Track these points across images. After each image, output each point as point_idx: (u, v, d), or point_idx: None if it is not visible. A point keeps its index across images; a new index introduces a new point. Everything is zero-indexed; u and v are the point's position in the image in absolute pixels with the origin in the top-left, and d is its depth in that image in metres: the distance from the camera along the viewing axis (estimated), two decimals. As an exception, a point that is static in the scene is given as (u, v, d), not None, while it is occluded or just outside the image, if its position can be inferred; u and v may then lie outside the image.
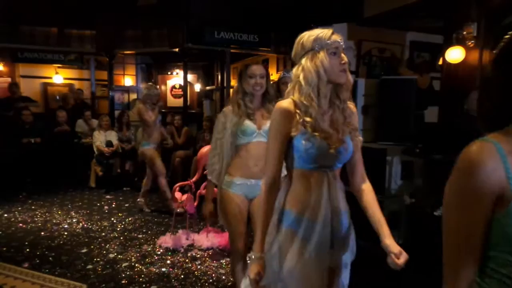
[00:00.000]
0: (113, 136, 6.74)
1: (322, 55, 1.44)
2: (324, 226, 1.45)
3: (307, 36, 1.48)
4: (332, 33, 1.46)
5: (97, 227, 4.55)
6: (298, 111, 1.46)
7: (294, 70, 1.52)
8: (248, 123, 2.25)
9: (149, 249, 3.88)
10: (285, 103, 1.49)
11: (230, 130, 2.27)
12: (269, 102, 2.30)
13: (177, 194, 4.29)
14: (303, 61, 1.48)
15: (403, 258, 1.41)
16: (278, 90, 2.94)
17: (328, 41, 1.44)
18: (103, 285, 3.12)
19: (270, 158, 1.53)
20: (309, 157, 1.45)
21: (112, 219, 4.89)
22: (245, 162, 2.26)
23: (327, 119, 1.51)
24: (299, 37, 1.52)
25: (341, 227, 1.51)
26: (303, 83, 1.46)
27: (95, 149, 6.58)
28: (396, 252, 1.41)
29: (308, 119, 1.44)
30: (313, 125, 1.44)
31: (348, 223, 1.57)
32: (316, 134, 1.43)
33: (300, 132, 1.44)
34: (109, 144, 6.62)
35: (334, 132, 1.49)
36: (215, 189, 2.49)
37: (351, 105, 1.58)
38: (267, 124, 2.13)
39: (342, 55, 1.48)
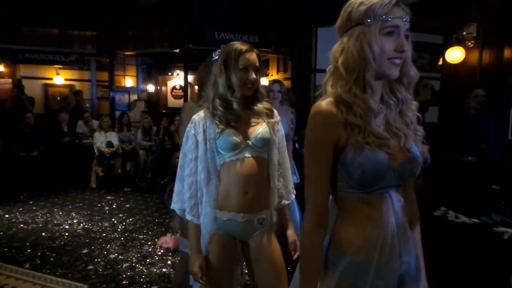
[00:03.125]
0: (113, 137, 6.75)
1: (372, 32, 1.02)
2: (390, 271, 1.08)
3: (358, 3, 1.05)
4: (395, 4, 1.02)
5: (98, 228, 4.55)
6: (341, 111, 1.06)
7: (334, 49, 1.13)
8: (230, 133, 1.60)
9: (150, 249, 3.89)
10: (325, 104, 1.07)
11: (206, 146, 1.62)
12: (258, 102, 1.72)
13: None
14: (346, 38, 1.08)
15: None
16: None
17: (385, 15, 1.02)
18: (104, 285, 3.12)
19: (312, 184, 1.09)
20: (363, 177, 1.05)
21: (113, 219, 4.90)
22: (231, 189, 1.61)
23: (380, 122, 1.10)
24: (347, 4, 1.09)
25: (412, 269, 1.13)
26: (342, 69, 1.07)
27: (95, 150, 6.59)
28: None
29: (355, 121, 1.05)
30: (364, 131, 1.05)
31: (420, 265, 1.19)
32: (371, 143, 1.04)
33: (350, 142, 1.05)
34: (109, 144, 6.63)
35: (394, 139, 1.09)
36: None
37: (413, 105, 1.15)
38: (257, 131, 1.64)
39: (402, 38, 1.03)
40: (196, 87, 2.83)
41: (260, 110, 1.69)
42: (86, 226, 4.63)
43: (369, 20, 1.03)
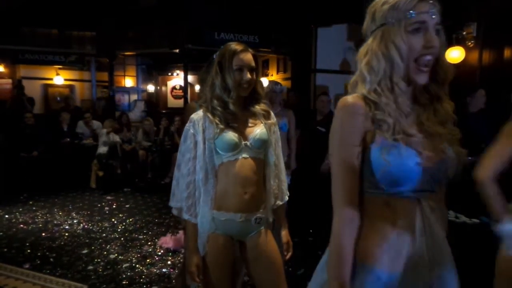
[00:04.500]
0: (116, 137, 6.77)
1: (397, 32, 0.97)
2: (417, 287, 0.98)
3: (382, 3, 1.01)
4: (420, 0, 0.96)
5: (98, 228, 4.55)
6: (369, 106, 1.00)
7: (360, 51, 1.08)
8: (229, 133, 1.60)
9: (150, 249, 3.89)
10: (351, 97, 1.02)
11: (205, 146, 1.62)
12: (256, 103, 1.71)
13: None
14: (370, 39, 1.03)
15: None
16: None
17: (410, 12, 0.95)
18: (104, 285, 3.12)
19: (341, 182, 1.02)
20: (392, 177, 0.95)
21: (113, 220, 4.90)
22: (229, 189, 1.61)
23: (412, 121, 1.03)
24: (372, 4, 1.05)
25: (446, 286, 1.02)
26: (365, 71, 1.02)
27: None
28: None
29: (383, 117, 0.98)
30: (393, 128, 0.97)
31: (455, 282, 1.06)
32: (400, 140, 0.96)
33: (377, 139, 0.98)
34: (113, 146, 6.64)
35: (428, 138, 1.01)
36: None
37: (448, 104, 1.07)
38: (255, 132, 1.65)
39: (431, 33, 0.97)
40: (198, 87, 2.84)
41: (258, 111, 1.69)
42: (86, 226, 4.62)
43: (393, 19, 0.97)
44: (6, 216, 4.99)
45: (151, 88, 10.39)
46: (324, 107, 4.41)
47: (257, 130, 1.66)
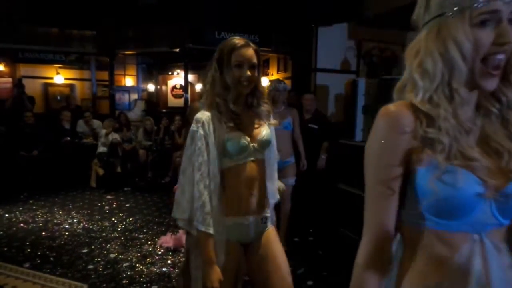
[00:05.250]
0: (116, 136, 6.77)
1: (459, 25, 0.75)
2: None
3: None
4: None
5: (98, 227, 4.55)
6: (420, 120, 0.79)
7: (408, 48, 0.85)
8: (239, 135, 1.53)
9: (150, 249, 3.89)
10: (396, 106, 0.81)
11: (215, 148, 1.51)
12: (257, 102, 1.63)
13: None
14: (423, 34, 0.81)
15: None
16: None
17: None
18: (104, 285, 3.12)
19: (373, 205, 0.83)
20: (443, 208, 0.76)
21: (113, 219, 4.90)
22: (237, 193, 1.55)
23: (473, 138, 0.81)
24: None
25: None
26: (417, 75, 0.80)
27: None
28: None
29: (438, 136, 0.76)
30: (449, 150, 0.76)
31: None
32: (457, 164, 0.75)
33: (425, 160, 0.77)
34: (113, 145, 6.63)
35: (492, 160, 0.79)
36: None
37: None
38: (261, 134, 1.60)
39: (504, 25, 0.73)
40: (198, 86, 2.84)
41: (261, 111, 1.63)
42: (86, 225, 4.62)
43: (454, 8, 0.75)
44: (6, 215, 4.99)
45: (151, 87, 10.38)
46: (310, 105, 4.51)
47: (263, 131, 1.61)
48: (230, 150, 1.51)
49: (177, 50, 7.63)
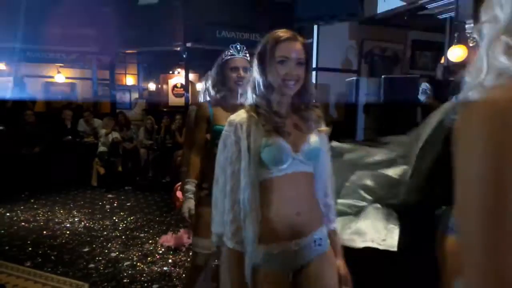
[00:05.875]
0: (116, 134, 6.78)
1: None
2: None
3: None
4: None
5: (99, 226, 4.56)
6: None
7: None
8: (279, 142, 1.30)
9: (151, 248, 3.89)
10: (503, 93, 0.50)
11: (250, 156, 1.29)
12: (305, 105, 1.39)
13: (179, 194, 4.29)
14: None
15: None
16: None
17: None
18: (105, 284, 3.12)
19: (486, 232, 0.49)
20: None
21: (114, 218, 4.90)
22: (278, 212, 1.30)
23: None
24: None
25: None
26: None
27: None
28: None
29: None
30: None
31: None
32: None
33: None
34: (114, 145, 6.64)
35: None
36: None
37: None
38: (307, 142, 1.35)
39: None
40: (199, 85, 2.84)
41: (309, 116, 1.39)
42: (87, 224, 4.63)
43: None
44: (8, 214, 5.00)
45: (152, 86, 10.37)
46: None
47: (310, 139, 1.36)
48: (265, 159, 1.28)
49: (178, 49, 7.63)
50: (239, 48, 2.11)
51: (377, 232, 1.83)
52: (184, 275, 3.27)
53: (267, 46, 1.31)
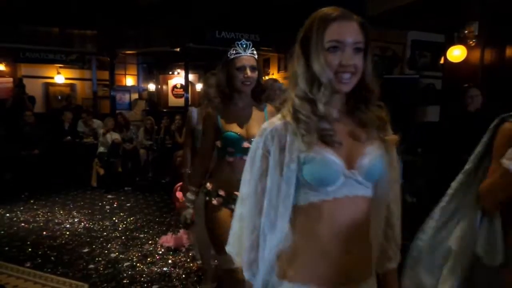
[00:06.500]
0: (116, 135, 6.78)
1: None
2: None
3: None
4: None
5: (99, 227, 4.55)
6: None
7: None
8: (326, 155, 0.98)
9: (151, 248, 3.89)
10: None
11: (282, 173, 1.00)
12: (365, 106, 1.06)
13: (178, 194, 4.29)
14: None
15: None
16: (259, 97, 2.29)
17: None
18: (105, 284, 3.12)
19: None
20: None
21: (114, 218, 4.90)
22: (320, 246, 1.00)
23: None
24: None
25: None
26: None
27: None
28: None
29: None
30: None
31: None
32: None
33: None
34: (114, 145, 6.64)
35: None
36: None
37: None
38: (366, 155, 1.01)
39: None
40: (199, 86, 2.81)
41: (370, 119, 1.04)
42: (87, 225, 4.63)
43: None
44: (7, 214, 4.99)
45: (152, 87, 10.38)
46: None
47: (370, 151, 1.02)
48: (307, 177, 0.97)
49: (178, 49, 7.64)
50: (245, 46, 1.95)
51: None
52: (183, 276, 3.27)
53: (312, 28, 0.99)
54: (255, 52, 1.97)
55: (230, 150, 1.90)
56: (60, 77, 9.27)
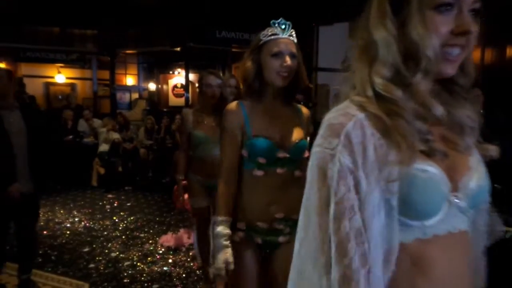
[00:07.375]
0: (116, 135, 6.79)
1: None
2: None
3: None
4: None
5: (99, 226, 4.56)
6: None
7: None
8: (431, 171, 0.63)
9: (151, 248, 3.89)
10: None
11: (381, 193, 0.61)
12: (463, 95, 0.78)
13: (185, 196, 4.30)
14: None
15: None
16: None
17: None
18: (105, 284, 3.13)
19: None
20: None
21: (114, 218, 4.91)
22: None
23: None
24: None
25: None
26: None
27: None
28: None
29: None
30: None
31: None
32: None
33: None
34: (115, 145, 6.64)
35: None
36: None
37: None
38: (473, 170, 0.70)
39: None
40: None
41: (467, 117, 0.74)
42: (87, 224, 4.63)
43: None
44: (8, 214, 5.00)
45: (152, 86, 10.39)
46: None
47: (474, 164, 0.72)
48: (411, 203, 0.63)
49: (178, 49, 7.65)
50: (284, 26, 1.49)
51: None
52: (184, 275, 3.28)
53: None
54: (294, 35, 1.53)
55: (260, 161, 1.43)
56: (60, 76, 9.28)
